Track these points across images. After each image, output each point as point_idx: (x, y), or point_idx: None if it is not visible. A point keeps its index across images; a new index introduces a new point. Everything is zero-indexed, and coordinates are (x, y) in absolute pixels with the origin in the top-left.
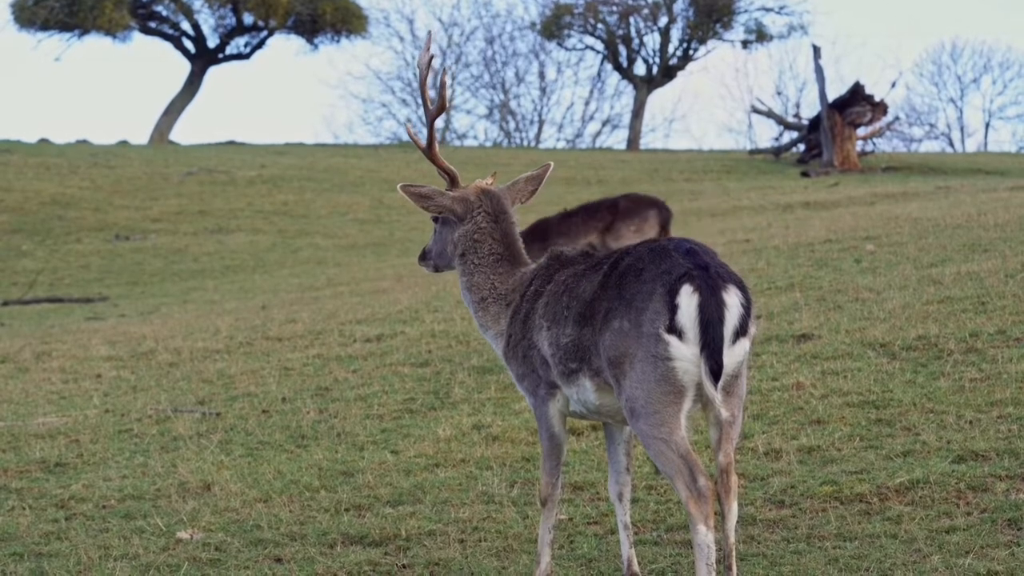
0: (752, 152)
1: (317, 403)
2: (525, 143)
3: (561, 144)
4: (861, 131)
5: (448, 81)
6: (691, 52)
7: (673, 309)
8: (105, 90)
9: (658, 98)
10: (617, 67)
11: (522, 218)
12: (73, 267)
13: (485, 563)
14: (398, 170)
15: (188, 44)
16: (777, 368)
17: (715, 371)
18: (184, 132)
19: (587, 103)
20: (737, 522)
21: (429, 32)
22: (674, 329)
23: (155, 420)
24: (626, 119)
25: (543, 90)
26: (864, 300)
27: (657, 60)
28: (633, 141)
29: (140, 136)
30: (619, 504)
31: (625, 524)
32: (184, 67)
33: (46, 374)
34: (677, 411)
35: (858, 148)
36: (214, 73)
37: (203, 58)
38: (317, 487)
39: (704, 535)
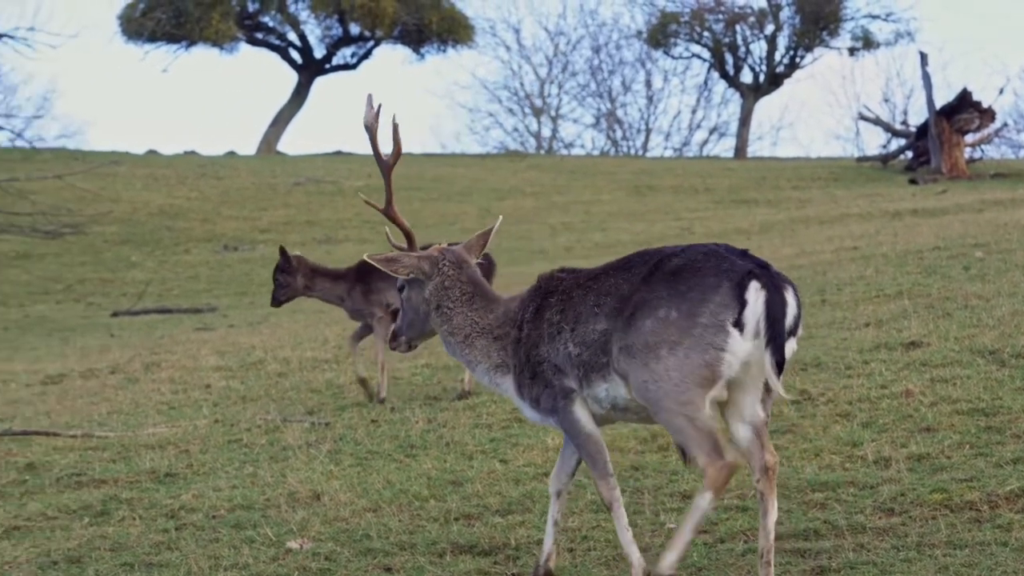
0: (860, 159)
1: (426, 412)
2: (632, 152)
3: (668, 152)
4: (969, 138)
5: (400, 137)
6: (798, 60)
7: (742, 304)
8: (212, 101)
9: (765, 106)
10: (724, 75)
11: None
12: (182, 278)
13: (594, 572)
14: (505, 179)
15: (295, 55)
16: (886, 376)
17: (780, 364)
18: (291, 143)
19: (694, 111)
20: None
21: (370, 95)
22: (739, 323)
23: (264, 430)
24: (733, 127)
25: (650, 98)
26: (973, 307)
27: (764, 68)
28: (740, 149)
29: (248, 147)
30: (555, 500)
31: (555, 520)
32: (291, 78)
33: (156, 384)
34: (705, 394)
35: (966, 155)
36: (321, 83)
37: (310, 68)
38: (426, 496)
39: (708, 501)
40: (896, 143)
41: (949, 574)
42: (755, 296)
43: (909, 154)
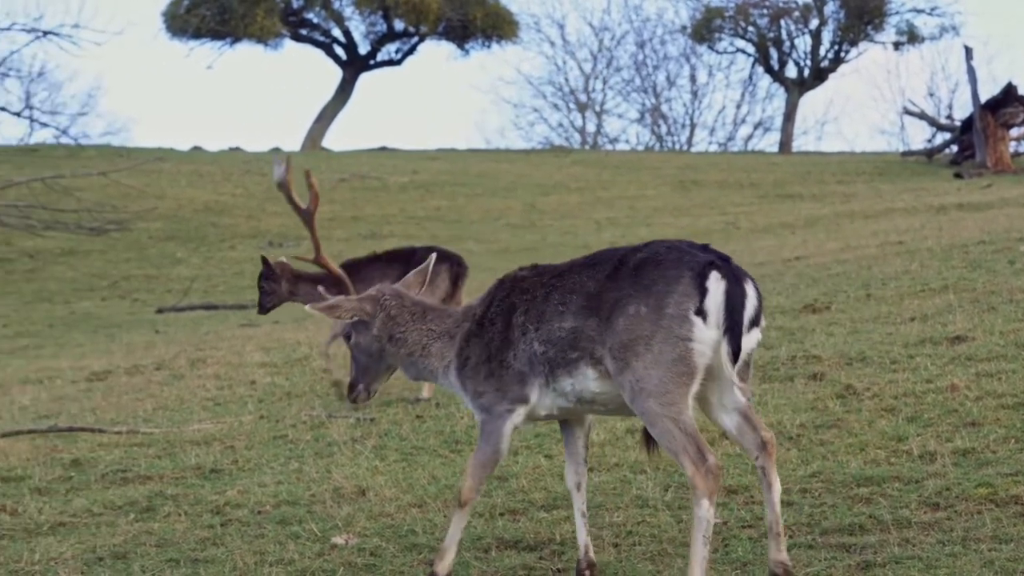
0: (905, 154)
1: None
2: (677, 146)
3: (713, 147)
4: (1014, 132)
5: (315, 183)
6: (842, 54)
7: (703, 292)
8: (257, 97)
9: (810, 100)
10: (768, 70)
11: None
12: (227, 274)
13: (639, 567)
14: (550, 174)
15: (339, 51)
16: (931, 370)
17: (735, 353)
18: (336, 139)
19: (739, 106)
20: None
21: (277, 156)
22: (701, 311)
23: (309, 426)
24: (778, 122)
25: (694, 93)
26: (1018, 301)
27: (808, 62)
28: (785, 144)
29: (292, 143)
30: (576, 493)
31: (582, 512)
32: (335, 74)
33: (201, 380)
34: (686, 392)
35: (1011, 149)
36: (365, 79)
37: (354, 64)
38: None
39: (706, 510)
40: (941, 137)
41: (995, 568)
42: (715, 285)
43: (954, 148)
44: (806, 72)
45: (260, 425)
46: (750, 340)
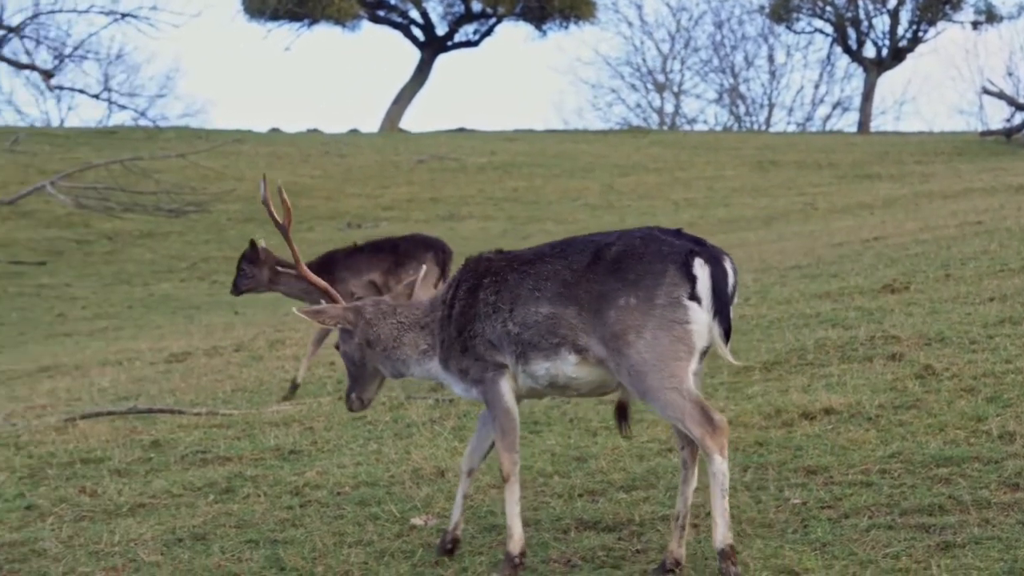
0: (983, 134)
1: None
2: (755, 127)
3: (791, 127)
4: None
5: (287, 199)
6: (920, 34)
7: (692, 280)
8: (335, 79)
9: (888, 80)
10: (846, 50)
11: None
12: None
13: None
14: (628, 155)
15: (417, 32)
16: (1011, 350)
17: (727, 332)
18: (414, 120)
19: (817, 86)
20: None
21: (263, 178)
22: (695, 296)
23: (388, 407)
24: (856, 102)
25: (772, 73)
26: None
27: (887, 42)
28: (863, 124)
29: (371, 124)
30: (467, 478)
31: (466, 494)
32: (413, 55)
33: (280, 362)
34: (686, 366)
35: None
36: (443, 61)
37: (432, 46)
38: (550, 473)
39: (720, 464)
40: (1020, 117)
41: None
42: (702, 271)
43: None
44: (884, 52)
45: (339, 406)
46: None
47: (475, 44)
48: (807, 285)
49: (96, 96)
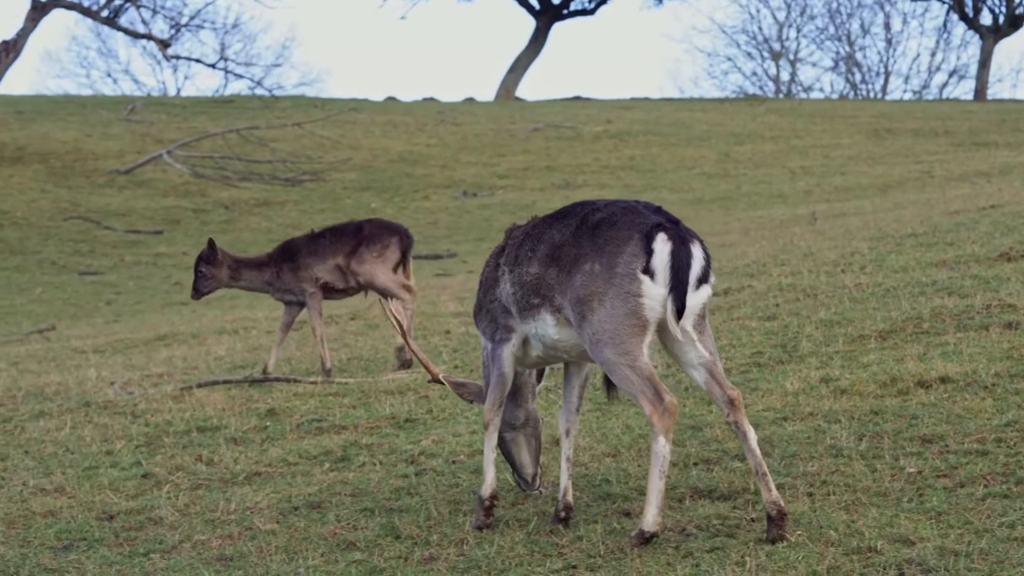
0: None
1: (664, 357)
2: (871, 95)
3: (907, 95)
4: None
5: (396, 319)
6: None
7: (649, 253)
8: (451, 47)
9: (1005, 48)
10: (963, 17)
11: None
12: (421, 223)
13: (833, 516)
14: (744, 123)
15: (533, 0)
16: None
17: (680, 310)
18: (530, 88)
19: (933, 54)
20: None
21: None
22: (648, 270)
23: None
24: (973, 69)
25: (889, 41)
26: None
27: (1003, 9)
28: (980, 91)
29: (486, 93)
30: (566, 439)
31: (568, 456)
32: (529, 23)
33: (395, 331)
34: (640, 342)
35: None
36: (559, 29)
37: (548, 14)
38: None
39: (663, 446)
40: None
41: None
42: (661, 247)
43: None
44: (1001, 19)
45: (455, 375)
46: (698, 297)
47: (591, 12)
48: (923, 253)
49: (212, 66)
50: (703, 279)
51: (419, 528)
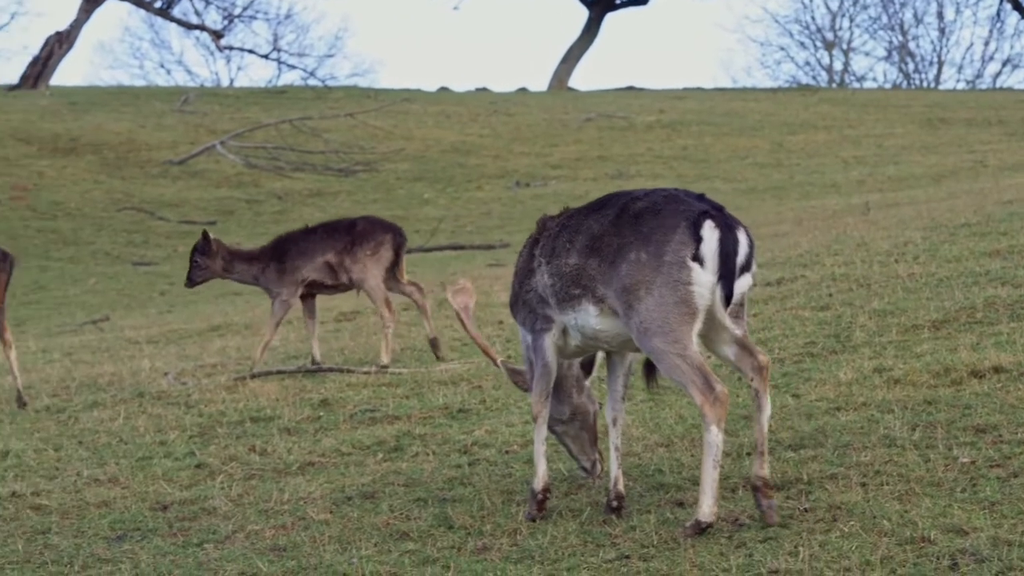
0: None
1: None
2: (924, 84)
3: (961, 85)
4: None
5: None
6: None
7: (698, 240)
8: (504, 37)
9: None
10: (1016, 6)
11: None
12: (474, 214)
13: (887, 506)
14: (797, 113)
15: None
16: None
17: (728, 296)
18: (583, 78)
19: (986, 43)
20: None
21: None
22: (697, 258)
23: None
24: None
25: (942, 30)
26: None
27: None
28: None
29: (539, 83)
30: (613, 428)
31: (616, 446)
32: (582, 13)
33: (448, 321)
34: (690, 330)
35: None
36: (612, 18)
37: (600, 4)
38: None
39: (715, 435)
40: None
41: None
42: (709, 234)
43: None
44: None
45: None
46: (741, 285)
47: (643, 2)
48: (976, 243)
49: (265, 56)
50: (746, 267)
51: (472, 518)
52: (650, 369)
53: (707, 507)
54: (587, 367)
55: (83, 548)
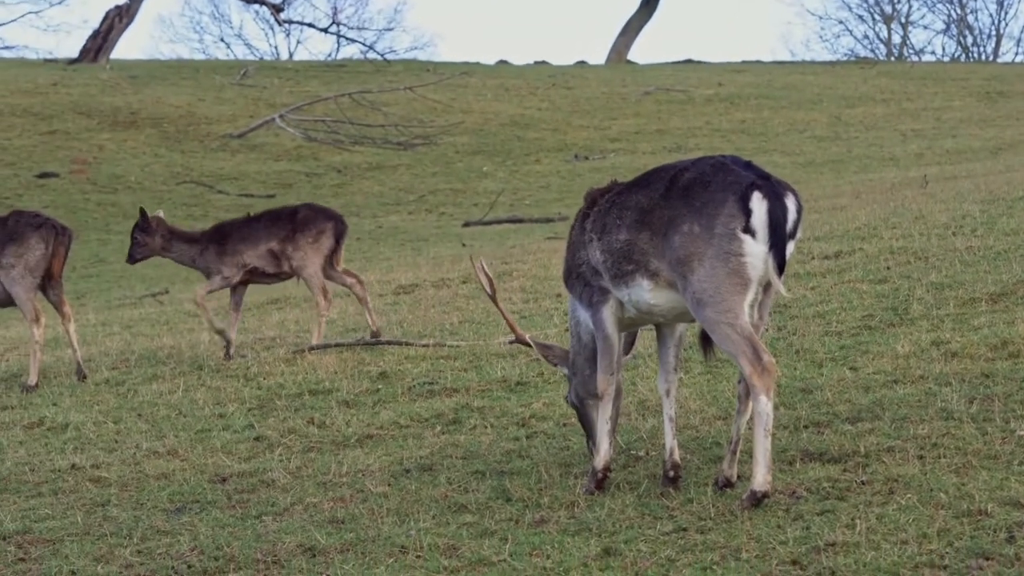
0: None
1: (776, 320)
2: (983, 57)
3: (1019, 58)
4: None
5: (488, 273)
6: None
7: (748, 213)
8: (563, 10)
9: None
10: None
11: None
12: (533, 187)
13: (944, 479)
14: (855, 86)
15: None
16: None
17: (781, 266)
18: (642, 51)
19: None
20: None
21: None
22: (748, 230)
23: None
24: None
25: (1000, 3)
26: None
27: None
28: None
29: (598, 56)
30: (667, 399)
31: (670, 417)
32: None
33: (507, 294)
34: (742, 300)
35: None
36: None
37: None
38: (776, 404)
39: (765, 404)
40: None
41: None
42: (758, 205)
43: None
44: None
45: (566, 338)
46: (788, 252)
47: None
48: None
49: (325, 30)
50: (792, 234)
51: (530, 491)
52: (706, 340)
53: (761, 477)
54: (628, 345)
55: (142, 520)
